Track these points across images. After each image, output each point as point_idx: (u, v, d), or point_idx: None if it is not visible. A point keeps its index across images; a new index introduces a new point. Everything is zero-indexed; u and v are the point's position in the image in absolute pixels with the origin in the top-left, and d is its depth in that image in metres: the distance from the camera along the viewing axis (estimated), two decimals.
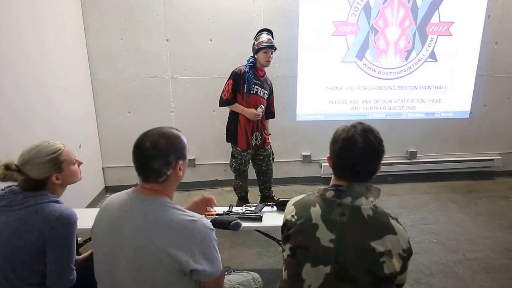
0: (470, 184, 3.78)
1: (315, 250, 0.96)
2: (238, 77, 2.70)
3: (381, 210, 1.00)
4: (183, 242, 0.96)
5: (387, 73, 3.60)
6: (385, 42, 3.50)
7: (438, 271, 2.25)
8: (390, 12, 3.43)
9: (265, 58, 2.69)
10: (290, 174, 3.75)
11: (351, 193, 0.98)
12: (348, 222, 0.95)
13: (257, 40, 2.69)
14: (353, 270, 0.93)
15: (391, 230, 0.95)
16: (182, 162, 1.08)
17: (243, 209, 1.89)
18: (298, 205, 1.06)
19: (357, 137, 0.98)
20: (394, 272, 0.93)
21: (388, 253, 0.92)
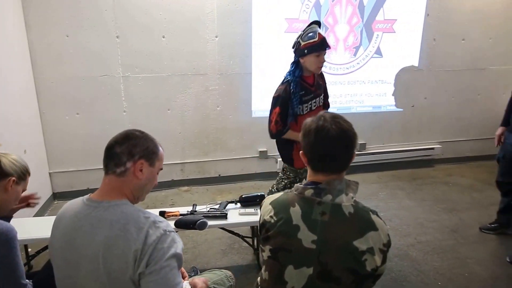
0: (415, 172, 4.09)
1: (297, 252, 0.94)
2: (286, 101, 2.02)
3: (361, 205, 0.99)
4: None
5: (337, 69, 3.74)
6: (335, 39, 3.63)
7: (393, 255, 2.40)
8: (339, 10, 3.57)
9: (317, 64, 1.96)
10: (247, 170, 3.76)
11: (331, 190, 0.95)
12: (329, 222, 0.93)
13: (305, 39, 1.94)
14: (336, 270, 0.92)
15: (373, 226, 0.95)
16: (145, 164, 1.01)
17: (207, 207, 1.85)
18: (276, 204, 1.02)
19: (328, 125, 0.96)
20: (375, 267, 0.94)
21: (370, 251, 0.92)
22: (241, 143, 3.68)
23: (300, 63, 2.00)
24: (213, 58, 3.36)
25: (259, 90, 3.57)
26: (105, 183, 0.99)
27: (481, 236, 2.60)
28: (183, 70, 3.32)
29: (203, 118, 3.51)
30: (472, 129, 4.36)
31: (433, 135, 4.30)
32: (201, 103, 3.46)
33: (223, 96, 3.50)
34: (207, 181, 3.67)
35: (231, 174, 3.75)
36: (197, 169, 3.63)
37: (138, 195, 1.03)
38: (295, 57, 2.02)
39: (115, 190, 0.97)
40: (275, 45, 3.47)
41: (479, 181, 3.78)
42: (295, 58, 2.03)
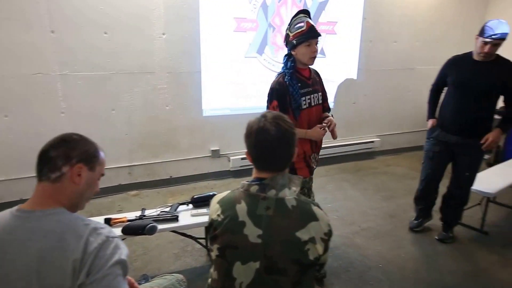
0: (358, 164, 4.39)
1: (243, 248, 0.96)
2: (283, 93, 1.87)
3: (303, 198, 1.04)
4: None
5: None
6: (282, 39, 3.73)
7: (341, 243, 2.56)
8: (285, 11, 3.68)
9: (309, 54, 1.84)
10: (200, 170, 3.73)
11: (274, 185, 0.99)
12: (273, 216, 0.97)
13: (294, 30, 1.85)
14: (281, 262, 0.95)
15: (314, 217, 0.99)
16: (84, 168, 0.95)
17: (157, 210, 1.80)
18: (223, 203, 1.04)
19: (268, 125, 1.00)
20: (318, 255, 0.98)
21: (312, 240, 0.96)
22: (193, 142, 3.63)
23: (292, 56, 1.90)
24: (160, 56, 3.26)
25: (209, 89, 3.55)
26: (38, 191, 0.92)
27: None
28: (129, 68, 3.17)
29: (152, 118, 3.39)
30: (406, 123, 4.80)
31: (373, 129, 4.65)
32: (149, 102, 3.34)
33: (172, 95, 3.42)
34: (157, 183, 3.56)
35: (183, 175, 3.68)
36: (147, 172, 3.51)
37: (76, 203, 0.96)
38: (288, 50, 1.93)
39: (50, 198, 0.90)
40: (224, 44, 3.47)
41: (412, 169, 4.19)
42: (288, 51, 1.93)
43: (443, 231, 2.62)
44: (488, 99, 2.25)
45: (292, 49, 1.88)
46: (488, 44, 2.09)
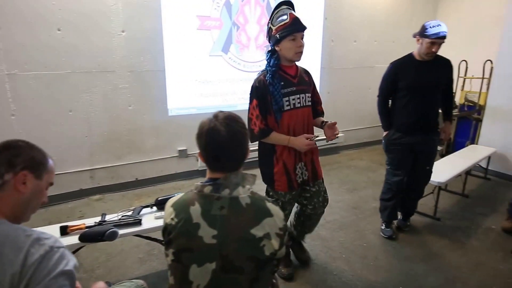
0: (324, 159, 4.53)
1: (199, 250, 0.95)
2: (263, 92, 1.71)
3: (258, 195, 1.04)
4: None
5: (250, 66, 3.89)
6: (246, 37, 3.76)
7: (306, 236, 2.62)
8: (249, 10, 3.70)
9: (294, 49, 1.68)
10: (167, 171, 3.66)
11: (228, 185, 0.99)
12: (228, 215, 0.96)
13: (276, 23, 1.68)
14: (237, 260, 0.95)
15: (268, 213, 1.00)
16: (29, 176, 0.90)
17: (118, 215, 1.75)
18: (176, 206, 1.02)
19: (219, 126, 0.98)
20: (274, 251, 0.99)
21: (267, 236, 0.97)
22: (159, 143, 3.56)
23: (276, 52, 1.72)
24: (120, 54, 3.15)
25: (174, 88, 3.49)
26: None
27: (374, 210, 3.04)
28: (86, 67, 3.04)
29: (114, 119, 3.28)
30: (367, 118, 5.02)
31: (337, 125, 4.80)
32: (110, 103, 3.22)
33: (135, 95, 3.32)
34: (122, 186, 3.45)
35: (150, 176, 3.60)
36: (110, 175, 3.39)
37: (20, 213, 0.91)
38: (271, 46, 1.75)
39: None
40: (188, 42, 3.42)
41: (373, 162, 4.40)
42: (271, 47, 1.75)
43: (402, 219, 2.77)
44: (437, 95, 2.41)
45: (275, 45, 1.70)
46: (436, 44, 2.21)
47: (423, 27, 2.24)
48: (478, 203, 3.27)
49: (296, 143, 1.73)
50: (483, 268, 2.27)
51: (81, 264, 2.22)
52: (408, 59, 2.39)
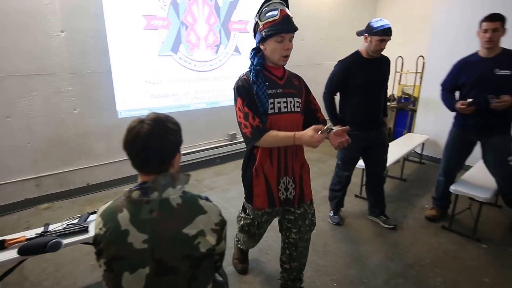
0: None
1: (129, 256, 0.93)
2: (248, 90, 1.49)
3: (190, 194, 1.03)
4: None
5: (201, 66, 3.91)
6: (196, 37, 3.77)
7: None
8: (197, 9, 3.71)
9: (279, 52, 1.47)
10: (121, 174, 3.58)
11: (157, 187, 0.97)
12: (158, 218, 0.95)
13: (264, 19, 1.44)
14: (172, 261, 0.94)
15: (201, 211, 1.00)
16: None
17: (63, 224, 1.71)
18: (104, 215, 0.99)
19: (144, 125, 0.97)
20: (212, 246, 0.99)
21: (201, 233, 0.97)
22: (110, 146, 3.46)
23: (261, 51, 1.52)
24: (61, 55, 3.01)
25: (123, 89, 3.41)
26: None
27: (324, 199, 3.24)
28: (22, 70, 2.87)
29: (58, 124, 3.13)
30: None
31: None
32: (53, 107, 3.07)
33: (80, 98, 3.20)
34: (73, 193, 3.33)
35: (102, 180, 3.50)
36: (58, 182, 3.24)
37: None
38: (256, 44, 1.52)
39: None
40: (135, 42, 3.36)
41: (324, 154, 4.65)
42: (256, 45, 1.53)
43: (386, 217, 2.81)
44: (383, 91, 2.58)
45: (260, 43, 1.49)
46: (385, 41, 2.32)
47: (370, 25, 2.31)
48: (414, 185, 3.62)
49: (304, 140, 1.40)
50: (418, 244, 2.55)
51: (27, 277, 2.14)
52: (356, 57, 2.45)
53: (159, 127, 0.98)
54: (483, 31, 2.30)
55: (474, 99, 2.37)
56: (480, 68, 2.38)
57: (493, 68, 2.32)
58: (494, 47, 2.32)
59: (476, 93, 2.40)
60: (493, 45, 2.31)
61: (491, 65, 2.33)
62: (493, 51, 2.35)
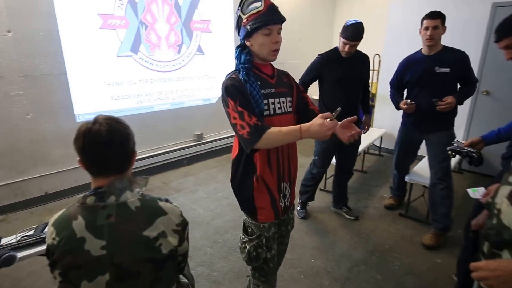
0: None
1: (87, 264, 0.90)
2: (239, 89, 1.32)
3: (149, 197, 1.01)
4: None
5: (164, 66, 3.85)
6: (156, 37, 3.70)
7: (230, 227, 2.78)
8: (156, 8, 3.63)
9: (268, 47, 1.31)
10: (83, 180, 3.43)
11: (113, 191, 0.95)
12: (116, 222, 0.93)
13: (247, 11, 1.29)
14: (133, 266, 0.93)
15: (161, 212, 0.99)
16: None
17: (17, 236, 1.61)
18: (57, 224, 0.95)
19: (97, 126, 0.94)
20: (174, 247, 0.98)
21: (162, 235, 0.96)
22: (69, 152, 3.30)
23: (247, 47, 1.36)
24: (8, 57, 2.83)
25: (80, 92, 3.28)
26: None
27: None
28: None
29: (10, 131, 2.94)
30: None
31: None
32: (3, 112, 2.88)
33: (33, 102, 3.02)
34: (30, 203, 3.14)
35: (62, 188, 3.33)
36: (13, 192, 3.05)
37: None
38: (241, 40, 1.37)
39: None
40: (91, 42, 3.23)
41: None
42: (240, 41, 1.38)
43: (349, 209, 2.95)
44: (359, 89, 2.64)
45: (246, 39, 1.33)
46: (347, 44, 2.37)
47: (343, 26, 2.36)
48: (373, 177, 3.82)
49: (313, 130, 1.19)
50: (378, 231, 2.70)
51: None
52: (333, 53, 2.51)
53: (115, 124, 0.97)
54: (424, 28, 2.35)
55: (416, 97, 2.46)
56: (422, 65, 2.44)
57: (434, 65, 2.39)
58: (435, 44, 2.37)
59: (419, 90, 2.48)
60: (434, 42, 2.35)
61: (432, 63, 2.40)
62: (434, 49, 2.40)
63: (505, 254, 0.90)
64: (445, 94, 2.33)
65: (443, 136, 2.44)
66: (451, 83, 2.41)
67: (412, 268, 2.25)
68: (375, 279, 2.16)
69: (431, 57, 2.42)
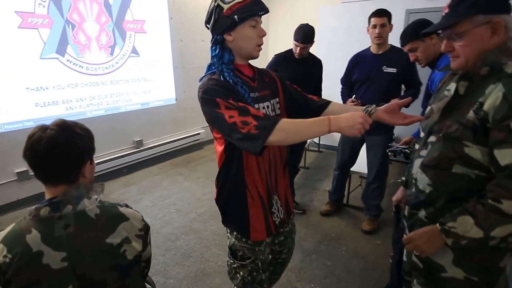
0: (189, 156, 4.65)
1: (48, 279, 0.86)
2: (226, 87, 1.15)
3: (108, 203, 0.98)
4: None
5: (96, 69, 3.58)
6: (86, 37, 3.43)
7: (181, 233, 2.72)
8: (84, 6, 3.37)
9: (255, 40, 1.18)
10: (4, 200, 3.03)
11: (69, 200, 0.90)
12: (76, 232, 0.89)
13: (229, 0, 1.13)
14: (97, 275, 0.90)
15: (123, 218, 0.97)
16: None
17: None
18: (7, 240, 0.88)
19: (47, 130, 0.89)
20: (138, 253, 0.97)
21: (126, 240, 0.94)
22: None
23: (225, 44, 1.19)
24: None
25: (4, 98, 2.89)
26: None
27: None
28: None
29: None
30: None
31: (197, 122, 5.00)
32: None
33: None
34: None
35: None
36: None
37: None
38: (216, 36, 1.20)
39: None
40: (8, 43, 2.86)
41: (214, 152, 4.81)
42: (215, 37, 1.20)
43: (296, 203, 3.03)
44: (315, 90, 2.72)
45: (225, 32, 1.16)
46: (298, 46, 2.47)
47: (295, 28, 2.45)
48: (315, 172, 4.07)
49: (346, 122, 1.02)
50: (324, 222, 2.89)
51: None
52: (288, 54, 2.58)
53: (64, 132, 0.91)
54: (372, 26, 2.36)
55: (363, 96, 2.48)
56: (370, 64, 2.44)
57: (382, 65, 2.39)
58: (383, 43, 2.39)
59: (365, 89, 2.49)
60: (383, 40, 2.37)
61: (380, 62, 2.40)
62: (382, 48, 2.41)
63: (421, 212, 1.12)
64: (389, 94, 2.32)
65: (382, 139, 2.52)
66: (396, 84, 2.46)
67: (356, 252, 2.47)
68: (326, 265, 2.32)
69: (380, 56, 2.43)
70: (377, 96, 2.34)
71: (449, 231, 0.98)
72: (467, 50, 0.97)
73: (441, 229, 1.00)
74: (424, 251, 1.06)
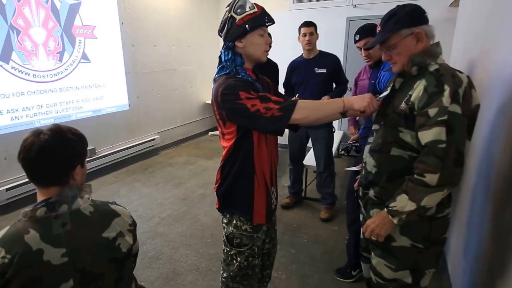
0: (145, 163, 4.60)
1: (49, 274, 0.90)
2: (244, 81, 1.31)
3: (99, 201, 1.05)
4: None
5: (43, 76, 3.41)
6: (32, 43, 3.26)
7: (146, 238, 2.74)
8: (30, 12, 3.21)
9: (263, 47, 1.37)
10: None
11: (64, 200, 0.95)
12: (73, 229, 0.94)
13: (241, 12, 1.29)
14: (96, 268, 0.95)
15: (115, 214, 1.03)
16: None
17: None
18: (5, 242, 0.90)
19: (32, 140, 0.93)
20: (130, 246, 1.04)
21: (120, 234, 1.01)
22: None
23: (236, 49, 1.34)
24: None
25: None
26: None
27: (202, 197, 3.47)
28: None
29: None
30: (178, 117, 5.43)
31: (152, 128, 4.96)
32: None
33: None
34: None
35: None
36: None
37: None
38: (228, 43, 1.35)
39: None
40: None
41: (191, 156, 4.88)
42: (227, 43, 1.35)
43: None
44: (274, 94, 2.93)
45: (236, 40, 1.32)
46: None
47: None
48: None
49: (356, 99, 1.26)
50: (286, 214, 3.12)
51: None
52: None
53: (56, 137, 0.95)
54: (302, 35, 2.78)
55: (302, 96, 2.83)
56: (304, 68, 2.86)
57: (314, 67, 2.81)
58: (313, 49, 2.81)
59: (304, 89, 2.87)
60: (312, 46, 2.78)
61: (312, 65, 2.82)
62: (312, 53, 2.83)
63: (370, 192, 1.35)
64: (324, 91, 2.75)
65: (323, 132, 2.95)
66: (328, 82, 2.88)
67: (317, 238, 2.73)
68: (290, 253, 2.54)
69: (311, 60, 2.85)
70: (314, 94, 2.71)
71: (392, 211, 1.16)
72: (401, 57, 1.23)
73: (387, 211, 1.17)
74: (379, 233, 1.21)
